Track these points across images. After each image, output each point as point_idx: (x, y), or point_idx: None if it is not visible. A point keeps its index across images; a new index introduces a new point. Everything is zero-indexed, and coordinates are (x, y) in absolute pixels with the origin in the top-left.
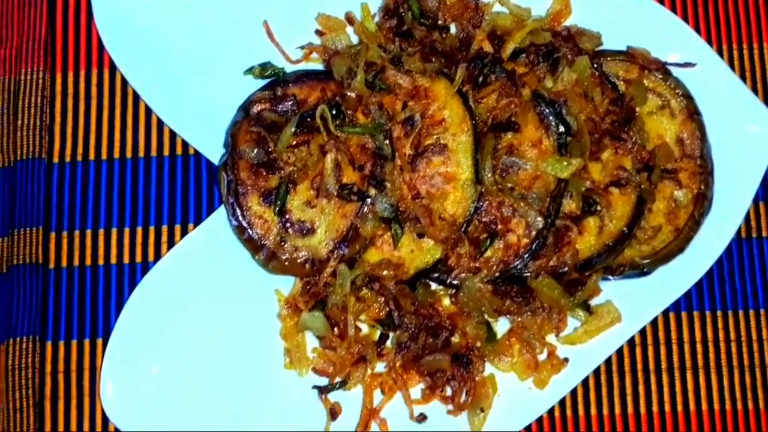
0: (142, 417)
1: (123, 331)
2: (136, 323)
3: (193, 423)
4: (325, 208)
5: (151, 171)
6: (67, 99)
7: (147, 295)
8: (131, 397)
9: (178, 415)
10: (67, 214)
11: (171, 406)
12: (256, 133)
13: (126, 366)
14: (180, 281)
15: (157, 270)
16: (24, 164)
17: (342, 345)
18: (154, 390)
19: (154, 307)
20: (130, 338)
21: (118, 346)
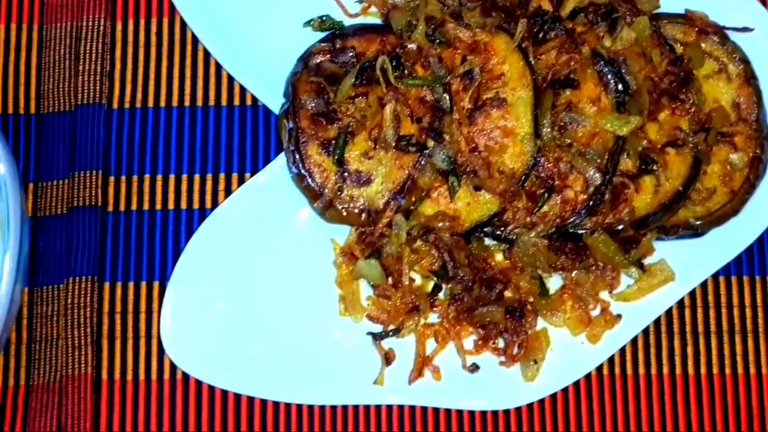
0: (200, 358)
1: (183, 274)
2: (195, 266)
3: (248, 366)
4: (383, 159)
5: (209, 120)
6: (127, 46)
7: (206, 239)
8: (189, 338)
9: (233, 357)
10: (126, 159)
11: (227, 348)
12: (316, 83)
13: (185, 308)
14: (238, 227)
15: (216, 215)
16: (84, 109)
17: (396, 294)
18: (212, 332)
19: (213, 252)
20: (189, 281)
21: (177, 288)
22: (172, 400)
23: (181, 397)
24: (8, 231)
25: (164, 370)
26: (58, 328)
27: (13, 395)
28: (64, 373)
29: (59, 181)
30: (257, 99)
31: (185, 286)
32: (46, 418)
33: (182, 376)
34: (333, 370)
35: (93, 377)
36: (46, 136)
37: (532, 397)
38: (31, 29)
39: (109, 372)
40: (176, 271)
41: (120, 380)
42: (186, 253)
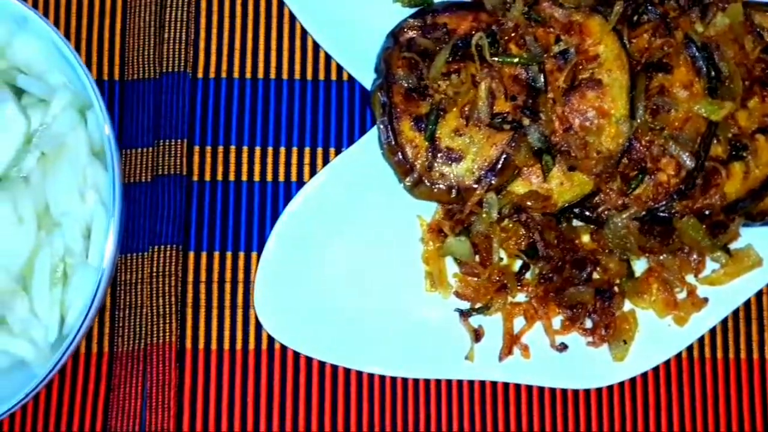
0: (291, 328)
1: (276, 245)
2: (288, 238)
3: (338, 337)
4: (475, 136)
5: (294, 93)
6: (211, 15)
7: (299, 212)
8: (281, 308)
9: (322, 327)
10: (211, 129)
11: (317, 318)
12: (408, 59)
13: (277, 278)
14: (329, 201)
15: (309, 188)
16: (169, 77)
17: (484, 272)
18: (303, 303)
19: (304, 225)
20: (283, 252)
21: (271, 259)
22: (256, 370)
23: (266, 367)
24: (114, 197)
25: (249, 340)
26: (142, 296)
27: (97, 362)
28: (148, 341)
29: (144, 149)
30: (343, 73)
31: (278, 257)
32: (130, 386)
33: (267, 346)
34: (419, 343)
35: (177, 346)
36: (130, 103)
37: (621, 377)
38: None
39: (193, 341)
40: (270, 242)
41: (204, 349)
42: (279, 226)
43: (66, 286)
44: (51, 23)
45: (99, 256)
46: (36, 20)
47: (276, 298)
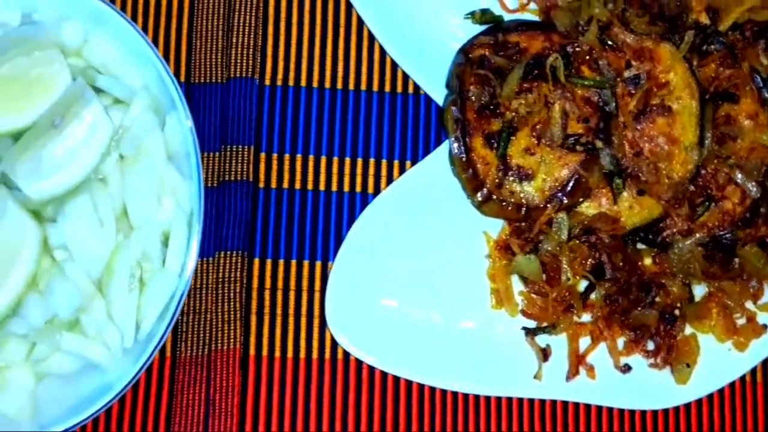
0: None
1: (347, 255)
2: (357, 250)
3: (405, 349)
4: (546, 156)
5: (360, 104)
6: (279, 22)
7: (369, 223)
8: (351, 318)
9: (389, 339)
10: (277, 137)
11: (385, 328)
12: (482, 76)
13: (347, 288)
14: (398, 214)
15: (381, 200)
16: (236, 82)
17: (552, 291)
18: (371, 314)
19: (373, 237)
20: (352, 264)
21: (341, 268)
22: (319, 379)
23: (329, 377)
24: (200, 203)
25: (312, 349)
26: (207, 301)
27: (159, 367)
28: (212, 347)
29: (210, 153)
30: (409, 85)
31: (349, 268)
32: (194, 392)
33: (330, 356)
34: (485, 360)
35: (241, 353)
36: (196, 107)
37: (684, 399)
38: None
39: (256, 348)
40: (341, 253)
41: (267, 357)
42: (350, 237)
43: (143, 292)
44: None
45: (178, 263)
46: (116, 18)
47: (346, 309)
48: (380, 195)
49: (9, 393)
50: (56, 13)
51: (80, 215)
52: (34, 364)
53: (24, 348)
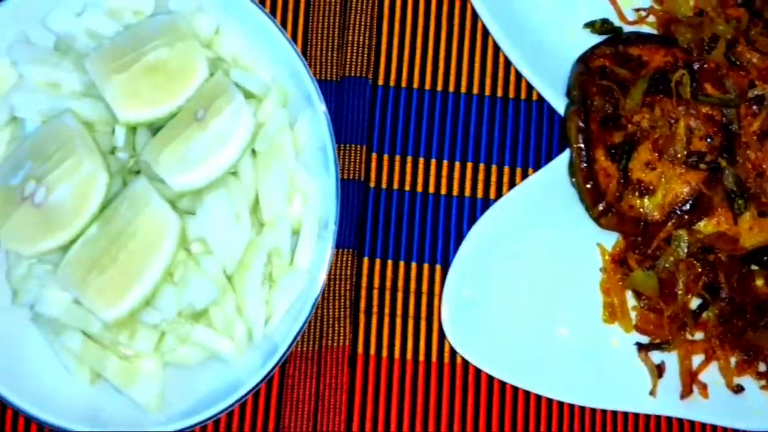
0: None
1: (463, 259)
2: (472, 255)
3: (516, 357)
4: (667, 172)
5: (471, 107)
6: (394, 22)
7: (485, 230)
8: (465, 322)
9: (500, 345)
10: (389, 137)
11: (495, 335)
12: (604, 87)
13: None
14: (514, 221)
15: (499, 206)
16: (350, 81)
17: (668, 309)
18: (484, 319)
19: (489, 243)
20: (468, 268)
21: (458, 272)
22: (426, 380)
23: (435, 378)
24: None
25: (419, 350)
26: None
27: None
28: (322, 343)
29: None
30: (521, 91)
31: (465, 272)
32: (304, 387)
33: (437, 358)
34: (596, 373)
35: (349, 351)
36: None
37: None
38: None
39: (364, 347)
40: (458, 258)
41: (375, 356)
42: (467, 243)
43: (272, 288)
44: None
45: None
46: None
47: (460, 314)
48: (499, 201)
49: (140, 382)
50: (190, 3)
51: (218, 209)
52: (161, 355)
53: (154, 338)
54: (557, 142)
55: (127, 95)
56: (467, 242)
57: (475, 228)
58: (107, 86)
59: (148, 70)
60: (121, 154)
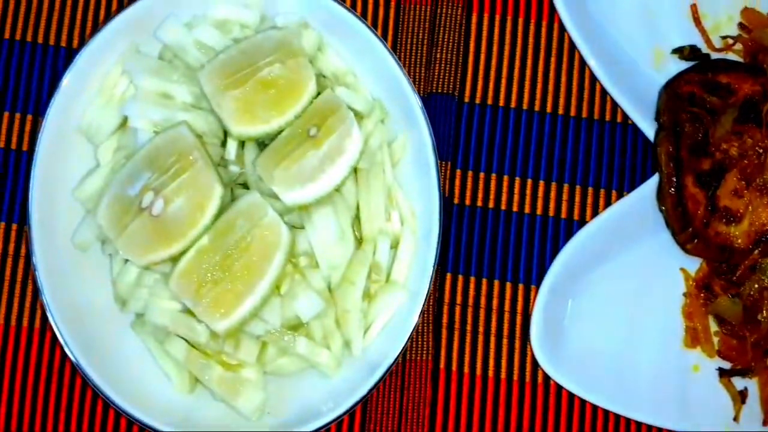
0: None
1: (553, 280)
2: (561, 274)
3: (600, 377)
4: (754, 200)
5: (557, 127)
6: (481, 40)
7: (575, 251)
8: (552, 342)
9: (585, 365)
10: (474, 155)
11: (582, 356)
12: (694, 113)
13: (551, 313)
14: (603, 243)
15: (587, 230)
16: (437, 98)
17: (751, 335)
18: (571, 339)
19: (578, 264)
20: (556, 288)
21: (548, 292)
22: (507, 398)
23: (517, 395)
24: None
25: (501, 368)
26: None
27: None
28: (406, 356)
29: None
30: (606, 112)
31: (555, 291)
32: (388, 400)
33: (518, 376)
34: (679, 396)
35: (432, 365)
36: None
37: None
38: (388, 6)
39: (446, 362)
40: (548, 278)
41: (457, 372)
42: (558, 263)
43: (371, 303)
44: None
45: (403, 276)
46: (357, 25)
47: (548, 333)
48: (589, 224)
49: (244, 392)
50: (295, 17)
51: (325, 224)
52: (262, 364)
53: (257, 348)
54: (639, 163)
55: (241, 111)
56: (557, 263)
57: (565, 249)
58: (222, 101)
59: (261, 86)
60: (233, 167)
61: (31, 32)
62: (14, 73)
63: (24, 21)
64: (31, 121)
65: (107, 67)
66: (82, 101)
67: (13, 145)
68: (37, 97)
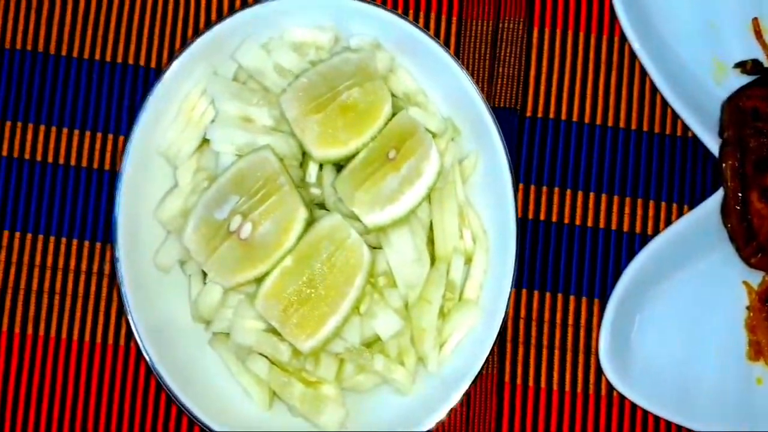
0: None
1: (619, 296)
2: (628, 290)
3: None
4: None
5: (618, 140)
6: (542, 54)
7: (641, 266)
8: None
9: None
10: (536, 169)
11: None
12: (759, 128)
13: (619, 328)
14: (668, 256)
15: (656, 243)
16: (500, 113)
17: None
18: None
19: (645, 279)
20: (623, 302)
21: (616, 307)
22: (572, 411)
23: (580, 409)
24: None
25: (565, 381)
26: None
27: None
28: None
29: None
30: (666, 126)
31: (622, 305)
32: (454, 413)
33: (582, 389)
34: (740, 409)
35: (497, 378)
36: None
37: None
38: (450, 21)
39: (511, 376)
40: (615, 292)
41: (521, 385)
42: (625, 279)
43: (445, 321)
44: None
45: (474, 294)
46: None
47: (615, 347)
48: (654, 240)
49: (325, 409)
50: (368, 38)
51: (403, 244)
52: (340, 381)
53: (336, 366)
54: (699, 175)
55: (323, 135)
56: (625, 278)
57: (632, 264)
58: (304, 126)
59: (341, 111)
60: (314, 190)
61: (110, 52)
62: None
63: (102, 41)
64: (112, 140)
65: (186, 88)
66: (162, 124)
67: (95, 164)
68: (117, 117)
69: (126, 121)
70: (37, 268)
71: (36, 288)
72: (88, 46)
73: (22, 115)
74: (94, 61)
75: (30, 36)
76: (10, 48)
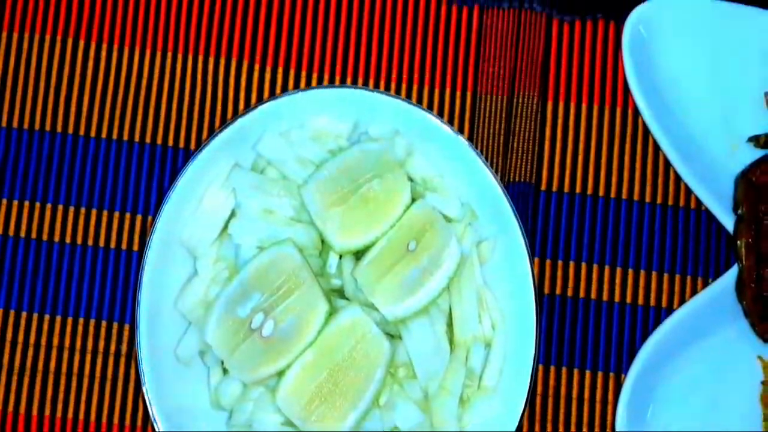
0: None
1: (637, 371)
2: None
3: None
4: None
5: (633, 214)
6: (556, 128)
7: (657, 343)
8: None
9: None
10: (551, 242)
11: None
12: None
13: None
14: (683, 334)
15: (673, 319)
16: (514, 187)
17: None
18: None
19: (657, 356)
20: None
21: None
22: None
23: None
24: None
25: None
26: None
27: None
28: None
29: None
30: (680, 199)
31: (639, 381)
32: None
33: None
34: None
35: None
36: None
37: None
38: (465, 96)
39: None
40: (633, 368)
41: None
42: (643, 354)
43: (465, 410)
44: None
45: (494, 381)
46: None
47: (633, 420)
48: (671, 317)
49: None
50: (387, 127)
51: (422, 335)
52: None
53: None
54: (714, 247)
55: (344, 226)
56: (641, 355)
57: (649, 342)
58: (326, 218)
59: (362, 202)
60: (335, 280)
61: (139, 133)
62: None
63: (131, 122)
64: (141, 221)
65: (208, 179)
66: (184, 214)
67: (112, 244)
68: (134, 197)
69: (143, 201)
70: (54, 349)
71: (54, 369)
72: (105, 126)
73: (40, 195)
74: (112, 140)
75: (51, 117)
76: (39, 129)
